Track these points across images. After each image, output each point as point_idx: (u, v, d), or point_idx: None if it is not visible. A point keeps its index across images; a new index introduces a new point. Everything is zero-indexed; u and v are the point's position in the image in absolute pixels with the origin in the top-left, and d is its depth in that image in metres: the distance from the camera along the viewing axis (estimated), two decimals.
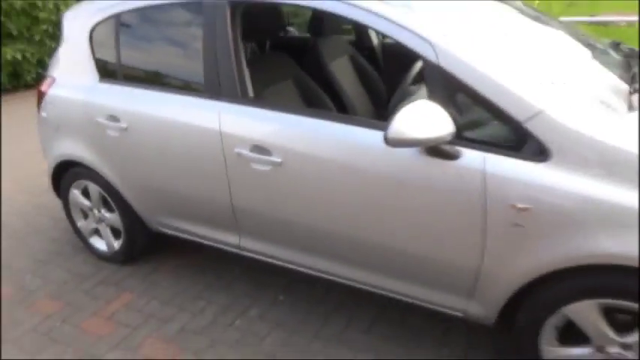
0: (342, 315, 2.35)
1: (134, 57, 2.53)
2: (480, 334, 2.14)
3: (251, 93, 2.14)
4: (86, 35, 2.61)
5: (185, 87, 2.34)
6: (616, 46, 2.41)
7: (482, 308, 1.81)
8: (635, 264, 1.46)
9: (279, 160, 1.98)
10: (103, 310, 2.53)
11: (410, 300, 2.00)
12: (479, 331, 2.09)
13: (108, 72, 2.55)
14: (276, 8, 2.77)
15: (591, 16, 7.48)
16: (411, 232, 1.81)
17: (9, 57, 6.90)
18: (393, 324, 2.27)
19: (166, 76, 2.45)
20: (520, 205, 1.58)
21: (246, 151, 2.05)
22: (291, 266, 2.27)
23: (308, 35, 3.44)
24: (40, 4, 7.20)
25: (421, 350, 2.12)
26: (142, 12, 2.43)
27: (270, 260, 2.33)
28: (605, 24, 7.63)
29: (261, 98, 2.30)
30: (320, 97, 2.63)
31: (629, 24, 6.94)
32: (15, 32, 7.08)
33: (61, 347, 2.30)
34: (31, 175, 4.12)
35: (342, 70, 3.02)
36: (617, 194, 1.47)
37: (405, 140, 1.58)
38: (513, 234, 1.62)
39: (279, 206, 2.09)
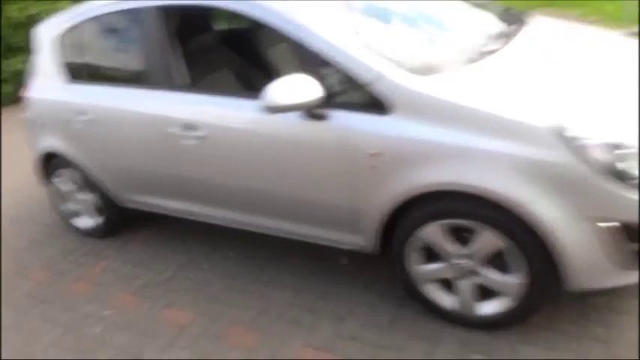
0: (275, 264, 2.78)
1: (94, 59, 3.01)
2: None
3: (186, 81, 2.59)
4: (55, 43, 3.09)
5: (133, 81, 2.78)
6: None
7: (366, 240, 2.22)
8: (461, 189, 1.85)
9: (203, 134, 2.42)
10: (84, 275, 3.02)
11: (313, 240, 2.42)
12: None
13: (74, 74, 3.03)
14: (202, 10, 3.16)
15: None
16: (302, 181, 2.23)
17: (16, 68, 7.43)
18: (309, 267, 2.70)
19: (120, 73, 2.91)
20: (372, 152, 1.99)
21: (178, 130, 2.49)
22: (223, 223, 2.72)
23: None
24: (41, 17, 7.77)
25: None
26: (96, 20, 2.90)
27: (210, 221, 2.78)
28: None
29: (198, 86, 2.72)
30: (255, 81, 3.04)
31: None
32: (18, 45, 7.63)
33: (47, 305, 2.80)
34: (30, 173, 4.65)
35: (281, 56, 3.40)
36: (447, 136, 1.86)
37: (278, 107, 2.00)
38: (372, 174, 2.02)
39: (205, 172, 2.54)
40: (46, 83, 3.17)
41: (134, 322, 2.56)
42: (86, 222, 3.38)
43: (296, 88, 1.99)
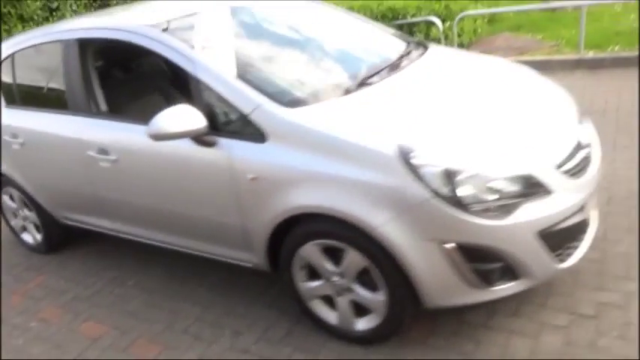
0: (194, 280, 2.92)
1: (26, 85, 3.20)
2: None
3: (102, 108, 2.76)
4: None
5: (59, 107, 2.94)
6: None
7: (258, 258, 2.35)
8: (325, 212, 1.99)
9: (114, 157, 2.58)
10: (21, 289, 3.18)
11: (216, 257, 2.57)
12: None
13: (10, 98, 3.22)
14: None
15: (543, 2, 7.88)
16: (197, 201, 2.39)
17: None
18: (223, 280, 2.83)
19: (48, 99, 3.08)
20: (251, 176, 2.14)
21: (94, 153, 2.66)
22: (140, 240, 2.87)
23: None
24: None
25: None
26: (28, 50, 3.09)
27: (131, 238, 2.94)
28: (553, 9, 8.00)
29: (113, 112, 2.83)
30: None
31: (575, 8, 7.29)
32: None
33: None
34: None
35: (179, 87, 3.43)
36: (312, 163, 2.00)
37: (161, 135, 2.15)
38: (254, 197, 2.17)
39: (118, 192, 2.71)
40: None
41: (54, 334, 2.70)
42: (31, 237, 3.55)
43: (179, 118, 2.15)
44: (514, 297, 2.26)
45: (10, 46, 3.18)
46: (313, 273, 2.23)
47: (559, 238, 1.97)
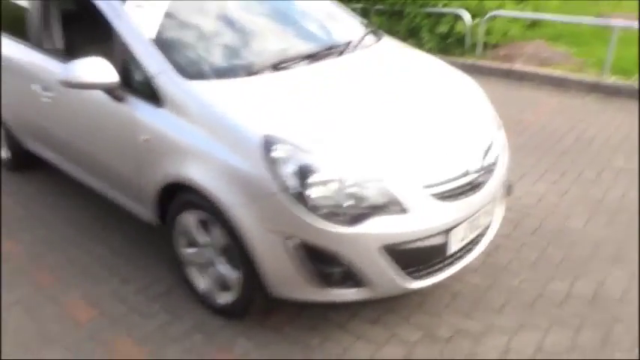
0: (118, 225, 3.07)
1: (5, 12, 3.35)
2: None
3: (55, 46, 2.89)
4: None
5: (26, 38, 3.08)
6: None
7: (147, 211, 2.47)
8: (194, 185, 2.06)
9: (52, 95, 2.73)
10: None
11: (119, 204, 2.71)
12: None
13: None
14: None
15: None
16: (106, 148, 2.53)
17: None
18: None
19: (18, 29, 3.20)
20: (144, 137, 2.23)
21: (38, 88, 2.81)
22: (73, 175, 3.04)
23: None
24: None
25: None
26: None
27: (67, 173, 3.12)
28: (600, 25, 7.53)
29: (62, 51, 2.91)
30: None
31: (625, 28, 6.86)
32: None
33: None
34: None
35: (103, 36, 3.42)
36: (191, 135, 2.07)
37: (75, 83, 2.25)
38: (147, 156, 2.26)
39: (55, 128, 2.88)
40: None
41: None
42: (3, 153, 3.78)
43: (93, 69, 2.24)
44: (381, 305, 2.32)
45: None
46: (193, 240, 2.32)
47: (411, 256, 1.98)
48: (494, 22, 6.72)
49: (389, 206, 1.90)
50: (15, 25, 3.14)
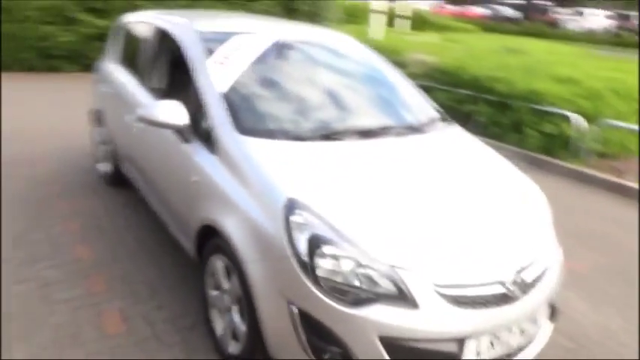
0: (174, 250, 3.31)
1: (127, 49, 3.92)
2: None
3: (159, 85, 3.29)
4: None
5: (136, 74, 3.58)
6: None
7: (190, 247, 2.64)
8: (220, 231, 2.19)
9: (141, 126, 3.09)
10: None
11: (172, 232, 2.93)
12: None
13: (117, 57, 3.99)
14: None
15: None
16: (168, 181, 2.82)
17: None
18: None
19: (133, 64, 3.73)
20: (195, 178, 2.43)
21: (132, 119, 3.21)
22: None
23: None
24: None
25: None
26: (138, 25, 3.80)
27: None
28: None
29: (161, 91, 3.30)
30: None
31: None
32: None
33: None
34: None
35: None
36: (229, 184, 2.22)
37: (149, 119, 2.55)
38: (194, 196, 2.46)
39: (138, 154, 3.26)
40: None
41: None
42: (106, 167, 4.32)
43: (168, 110, 2.52)
44: None
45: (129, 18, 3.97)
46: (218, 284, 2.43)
47: (409, 355, 1.86)
48: (608, 131, 6.20)
49: (397, 297, 1.84)
50: (131, 59, 3.65)
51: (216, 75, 2.62)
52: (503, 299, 1.97)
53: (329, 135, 2.47)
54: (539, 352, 2.59)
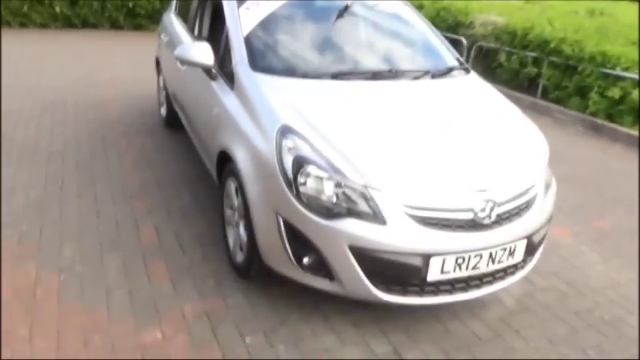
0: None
1: None
2: None
3: (203, 33, 3.61)
4: None
5: (186, 24, 3.92)
6: None
7: (213, 171, 2.97)
8: (230, 155, 2.48)
9: (184, 68, 3.44)
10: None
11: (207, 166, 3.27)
12: None
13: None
14: None
15: None
16: (199, 115, 3.13)
17: None
18: None
19: (185, 19, 4.07)
20: (216, 110, 2.73)
21: (179, 63, 3.56)
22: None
23: None
24: None
25: None
26: None
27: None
28: None
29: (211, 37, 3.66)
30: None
31: None
32: None
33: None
34: None
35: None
36: (240, 115, 2.49)
37: (182, 58, 2.86)
38: (215, 126, 2.77)
39: (182, 93, 3.62)
40: None
41: None
42: (163, 110, 4.79)
43: (197, 51, 2.82)
44: (368, 312, 2.41)
45: None
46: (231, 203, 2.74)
47: (379, 266, 2.07)
48: None
49: (368, 214, 2.04)
50: (184, 9, 4.00)
51: (245, 20, 2.87)
52: (472, 226, 2.10)
53: (338, 74, 2.65)
54: (532, 292, 2.71)
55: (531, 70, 6.88)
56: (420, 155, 2.23)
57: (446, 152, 2.28)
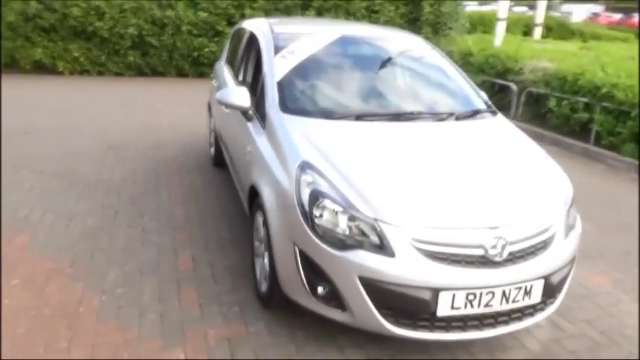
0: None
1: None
2: None
3: (246, 79, 3.92)
4: None
5: (232, 69, 4.26)
6: None
7: (246, 206, 3.16)
8: (258, 190, 2.66)
9: (228, 111, 3.73)
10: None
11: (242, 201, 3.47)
12: None
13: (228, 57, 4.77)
14: None
15: None
16: (237, 153, 3.35)
17: None
18: None
19: (232, 65, 4.44)
20: (249, 149, 2.95)
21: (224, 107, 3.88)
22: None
23: None
24: None
25: None
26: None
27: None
28: None
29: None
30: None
31: None
32: None
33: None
34: None
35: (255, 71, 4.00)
36: (267, 152, 2.69)
37: (223, 101, 3.14)
38: (248, 163, 2.98)
39: (225, 134, 3.90)
40: None
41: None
42: (212, 150, 5.13)
43: (236, 95, 3.09)
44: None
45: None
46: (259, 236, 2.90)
47: (386, 297, 2.13)
48: None
49: (378, 246, 2.13)
50: (231, 57, 4.36)
51: (279, 67, 3.12)
52: (483, 262, 2.13)
53: (361, 116, 2.81)
54: (560, 339, 2.64)
55: (582, 116, 6.73)
56: (432, 192, 2.30)
57: (459, 190, 2.34)
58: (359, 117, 2.81)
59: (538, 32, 14.65)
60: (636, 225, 4.31)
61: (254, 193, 2.85)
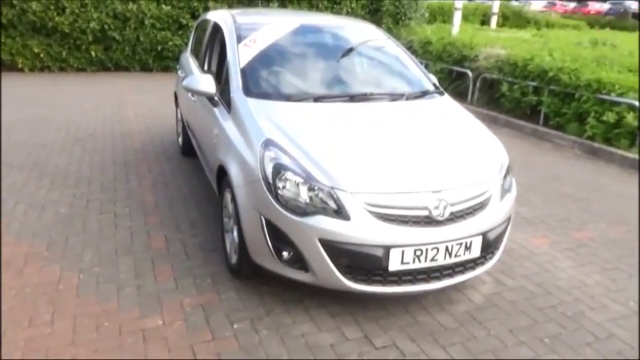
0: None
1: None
2: None
3: (211, 67, 4.10)
4: None
5: (197, 60, 4.43)
6: None
7: (214, 185, 3.36)
8: (225, 168, 2.87)
9: (194, 99, 3.91)
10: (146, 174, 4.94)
11: (211, 182, 3.67)
12: None
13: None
14: None
15: None
16: (204, 137, 3.54)
17: None
18: None
19: (197, 55, 4.60)
20: (216, 131, 3.15)
21: (191, 94, 4.05)
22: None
23: None
24: None
25: None
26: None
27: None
28: None
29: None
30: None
31: None
32: None
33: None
34: None
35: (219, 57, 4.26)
36: (234, 135, 2.89)
37: (189, 88, 3.33)
38: (215, 145, 3.18)
39: (192, 120, 4.08)
40: None
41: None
42: (180, 140, 5.29)
43: (202, 82, 3.28)
44: (342, 302, 2.71)
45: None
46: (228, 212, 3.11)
47: (345, 256, 2.38)
48: None
49: (335, 211, 2.38)
50: (196, 48, 4.52)
51: (242, 54, 3.32)
52: (428, 222, 2.41)
53: (319, 98, 3.06)
54: (501, 291, 2.95)
55: (532, 99, 7.17)
56: (382, 162, 2.57)
57: (406, 159, 2.62)
58: (317, 99, 3.05)
59: (494, 21, 15.21)
60: (575, 194, 4.71)
61: (222, 173, 3.06)
